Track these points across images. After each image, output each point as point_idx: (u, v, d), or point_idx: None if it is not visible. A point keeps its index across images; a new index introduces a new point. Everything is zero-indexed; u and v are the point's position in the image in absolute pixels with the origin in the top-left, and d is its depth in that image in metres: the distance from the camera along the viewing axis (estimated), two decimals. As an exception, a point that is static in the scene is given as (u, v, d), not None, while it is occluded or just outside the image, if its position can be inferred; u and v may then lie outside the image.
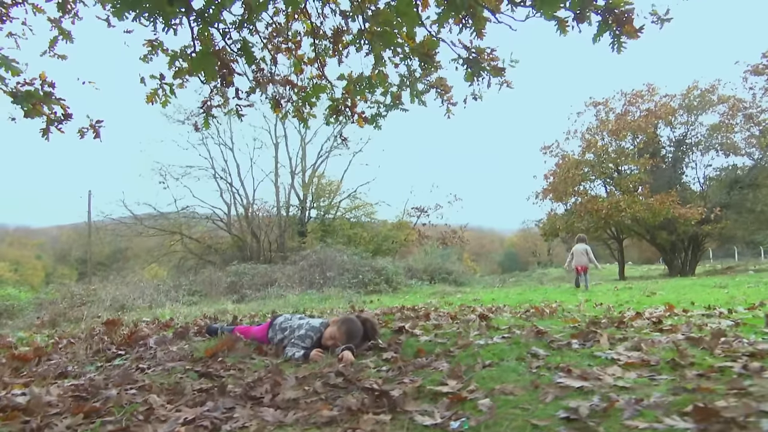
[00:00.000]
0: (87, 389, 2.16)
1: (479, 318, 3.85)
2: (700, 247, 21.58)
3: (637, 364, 2.14)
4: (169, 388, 2.20)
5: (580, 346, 2.59)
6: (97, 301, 10.66)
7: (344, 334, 2.80)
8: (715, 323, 3.39)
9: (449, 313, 4.30)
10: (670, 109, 21.74)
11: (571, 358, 2.35)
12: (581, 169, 21.30)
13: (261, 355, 2.89)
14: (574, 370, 2.03)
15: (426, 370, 2.31)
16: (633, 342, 2.53)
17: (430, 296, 11.70)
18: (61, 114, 5.11)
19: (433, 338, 2.92)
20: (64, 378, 2.81)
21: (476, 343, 2.71)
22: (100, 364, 3.06)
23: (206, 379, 2.36)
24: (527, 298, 8.49)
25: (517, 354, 2.46)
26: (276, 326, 3.13)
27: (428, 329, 3.31)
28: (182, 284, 14.19)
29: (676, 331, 3.01)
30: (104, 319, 8.45)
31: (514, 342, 2.68)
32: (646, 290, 8.40)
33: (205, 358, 2.80)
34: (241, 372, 2.50)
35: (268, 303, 11.68)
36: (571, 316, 4.33)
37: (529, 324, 3.50)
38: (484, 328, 3.23)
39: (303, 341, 2.84)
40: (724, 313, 4.17)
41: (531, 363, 2.27)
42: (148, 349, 3.30)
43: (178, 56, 4.44)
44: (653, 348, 2.39)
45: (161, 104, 4.89)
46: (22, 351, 3.79)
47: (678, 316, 4.15)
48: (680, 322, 3.55)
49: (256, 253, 23.01)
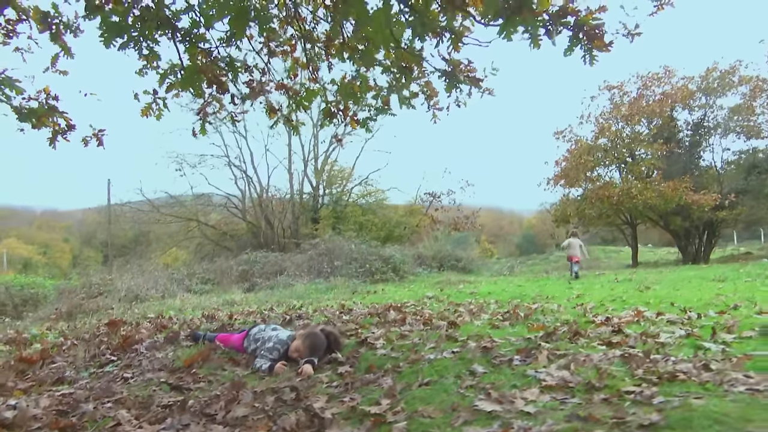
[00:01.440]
0: (69, 402, 2.47)
1: (448, 325, 4.08)
2: (716, 233, 21.25)
3: (557, 386, 2.34)
4: (142, 401, 2.49)
5: (520, 362, 2.79)
6: (113, 291, 11.22)
7: (307, 348, 3.06)
8: (669, 333, 3.54)
9: (424, 318, 4.52)
10: (688, 92, 21.24)
11: (504, 376, 2.56)
12: (594, 154, 21.07)
13: (233, 365, 3.18)
14: (494, 392, 2.25)
15: (370, 387, 2.56)
16: (567, 360, 2.72)
17: (433, 286, 11.94)
18: (65, 125, 5.45)
19: (389, 352, 3.16)
20: (60, 384, 3.14)
21: (426, 358, 2.94)
22: (93, 370, 3.39)
23: (176, 392, 2.65)
24: (523, 292, 8.65)
25: (458, 371, 2.68)
26: (251, 336, 3.41)
27: (391, 340, 3.54)
28: (196, 272, 14.71)
29: (623, 344, 3.19)
30: (118, 309, 8.96)
31: (460, 357, 2.91)
32: (642, 284, 8.48)
33: (182, 367, 3.10)
34: (209, 384, 2.79)
35: (276, 293, 12.10)
36: (543, 321, 4.53)
37: (491, 332, 3.72)
38: (443, 339, 3.45)
39: (271, 353, 3.11)
40: (692, 319, 4.31)
41: (464, 382, 2.49)
42: (138, 355, 3.63)
43: (167, 74, 4.67)
44: (580, 368, 2.58)
45: (155, 117, 5.16)
46: (30, 353, 4.16)
47: (645, 321, 4.31)
48: (638, 330, 3.73)
49: (271, 239, 23.53)
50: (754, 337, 3.31)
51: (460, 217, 26.98)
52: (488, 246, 66.77)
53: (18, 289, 12.83)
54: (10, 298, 12.08)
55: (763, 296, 5.97)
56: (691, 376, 2.33)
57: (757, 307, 4.77)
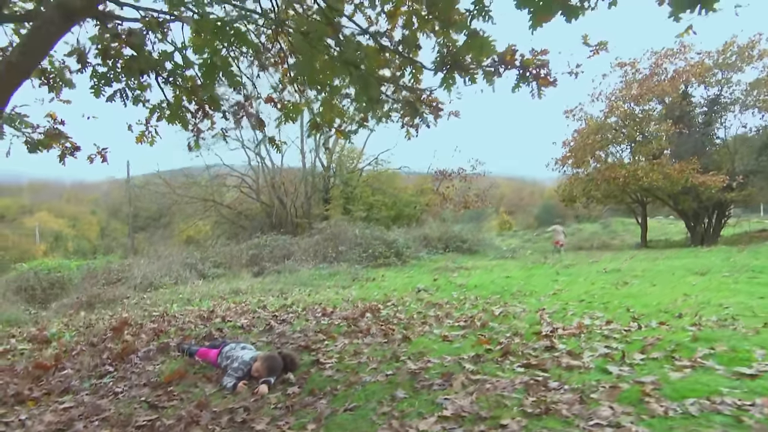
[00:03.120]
0: (65, 421, 3.10)
1: (402, 339, 4.62)
2: (726, 213, 21.10)
3: (452, 416, 2.85)
4: (123, 420, 3.10)
5: (439, 387, 3.30)
6: (130, 278, 12.10)
7: (266, 369, 3.63)
8: (592, 353, 4.00)
9: (384, 330, 5.05)
10: (705, 67, 20.75)
11: (418, 402, 3.08)
12: (603, 134, 20.94)
13: (206, 381, 3.78)
14: (395, 422, 2.77)
15: (307, 410, 3.11)
16: (475, 387, 3.23)
17: (430, 273, 12.50)
18: (70, 147, 6.04)
19: (335, 372, 3.71)
20: (66, 394, 3.80)
21: (363, 380, 3.48)
22: (93, 381, 4.04)
23: (152, 410, 3.26)
24: (508, 284, 9.12)
25: (382, 396, 3.21)
26: (223, 354, 4.00)
27: (342, 358, 4.10)
28: (209, 256, 15.55)
29: (540, 366, 3.67)
30: (132, 299, 9.76)
31: (390, 381, 3.44)
32: (622, 280, 8.84)
33: (163, 383, 3.72)
34: (181, 402, 3.39)
35: (282, 278, 12.83)
36: (496, 330, 5.03)
37: (438, 347, 4.24)
38: (386, 359, 3.99)
39: (236, 372, 3.69)
40: (631, 331, 4.75)
41: (381, 408, 3.02)
42: (133, 366, 4.28)
43: (155, 109, 5.16)
44: (482, 396, 3.08)
45: (149, 143, 5.69)
46: (46, 357, 4.86)
47: (585, 333, 4.76)
48: (570, 347, 4.20)
49: (285, 219, 24.32)
50: (659, 358, 3.76)
51: (470, 195, 27.27)
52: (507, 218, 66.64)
53: (45, 273, 13.85)
54: (39, 282, 13.10)
55: (723, 297, 6.32)
56: (562, 410, 2.81)
57: (697, 316, 5.16)
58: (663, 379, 3.33)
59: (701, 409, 2.79)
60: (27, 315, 8.82)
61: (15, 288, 12.59)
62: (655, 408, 2.81)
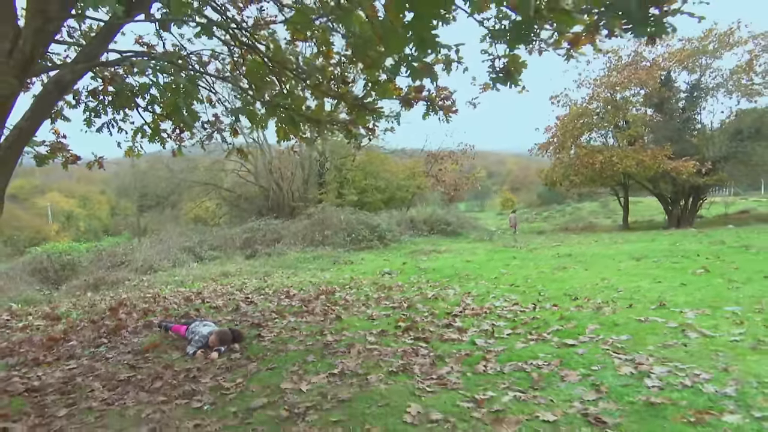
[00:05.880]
0: (69, 377, 4.33)
1: (335, 318, 5.81)
2: (701, 197, 21.96)
3: (338, 373, 4.03)
4: (110, 376, 4.33)
5: (341, 354, 4.49)
6: (132, 261, 13.44)
7: (218, 341, 4.83)
8: (477, 330, 5.16)
9: (325, 311, 6.24)
10: (687, 53, 21.33)
11: (320, 365, 4.26)
12: (584, 120, 21.74)
13: (174, 350, 5.00)
14: (294, 377, 3.96)
15: (240, 369, 4.31)
16: (367, 354, 4.40)
17: (404, 256, 13.69)
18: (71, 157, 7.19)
19: (269, 344, 4.92)
20: (71, 359, 5.04)
21: (288, 349, 4.67)
22: (92, 349, 5.28)
23: (132, 369, 4.48)
24: (464, 268, 10.29)
25: (296, 360, 4.40)
26: (190, 329, 5.21)
27: (280, 333, 5.30)
28: (206, 240, 16.84)
29: (427, 339, 4.83)
30: (132, 282, 11.05)
31: (307, 350, 4.63)
32: (561, 266, 9.93)
33: (142, 351, 4.94)
34: (153, 364, 4.61)
35: (270, 261, 14.10)
36: (420, 310, 6.20)
37: (360, 324, 5.43)
38: (313, 334, 5.19)
39: (197, 344, 4.89)
40: (525, 312, 5.89)
41: (292, 368, 4.21)
42: (123, 339, 5.53)
43: (138, 131, 6.27)
44: (368, 361, 4.25)
45: (136, 157, 6.83)
46: (57, 331, 6.12)
47: (488, 314, 5.91)
48: (463, 325, 5.36)
49: (281, 202, 25.55)
50: (521, 333, 4.91)
51: (461, 177, 28.26)
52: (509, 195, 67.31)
53: (57, 256, 15.22)
54: (51, 264, 14.46)
55: (628, 281, 7.37)
56: (414, 369, 3.98)
57: (586, 299, 6.27)
58: (509, 348, 4.49)
59: (513, 369, 3.95)
60: (41, 295, 10.12)
61: (30, 270, 13.96)
62: (480, 368, 3.97)
